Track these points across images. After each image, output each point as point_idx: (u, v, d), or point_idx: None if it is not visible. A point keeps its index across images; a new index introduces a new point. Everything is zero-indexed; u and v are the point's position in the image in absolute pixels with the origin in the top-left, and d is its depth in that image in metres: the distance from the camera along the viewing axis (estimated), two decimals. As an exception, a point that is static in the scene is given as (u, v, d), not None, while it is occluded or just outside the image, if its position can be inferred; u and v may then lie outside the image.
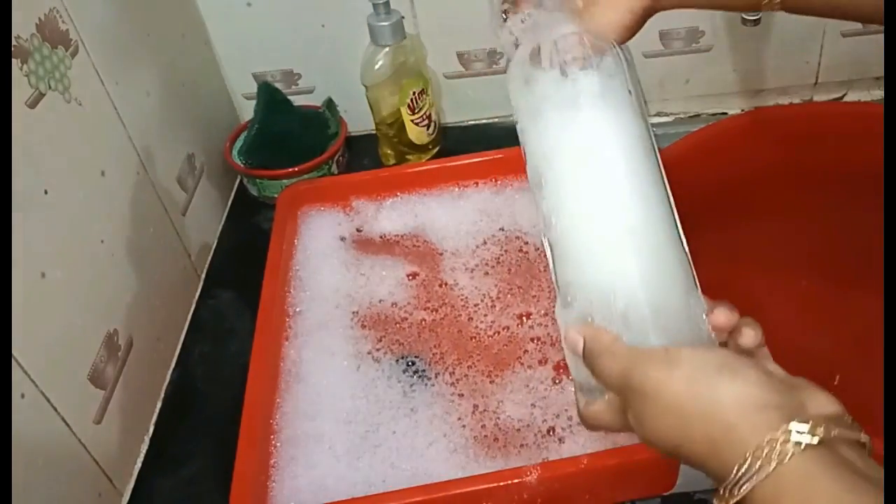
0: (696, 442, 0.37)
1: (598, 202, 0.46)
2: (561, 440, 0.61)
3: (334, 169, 0.96)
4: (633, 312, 0.43)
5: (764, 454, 0.34)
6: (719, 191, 0.76)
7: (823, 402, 0.38)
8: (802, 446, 0.34)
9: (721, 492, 0.36)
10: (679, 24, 0.95)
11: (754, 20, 0.83)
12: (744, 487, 0.35)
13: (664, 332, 0.42)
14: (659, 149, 0.76)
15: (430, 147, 0.98)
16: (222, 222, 0.95)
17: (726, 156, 0.76)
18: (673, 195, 0.51)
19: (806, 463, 0.34)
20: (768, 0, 0.46)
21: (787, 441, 0.34)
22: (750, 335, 0.42)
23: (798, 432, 0.35)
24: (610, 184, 0.46)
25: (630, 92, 0.48)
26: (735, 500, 0.35)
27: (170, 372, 0.77)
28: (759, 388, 0.37)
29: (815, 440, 0.34)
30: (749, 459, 0.35)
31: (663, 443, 0.39)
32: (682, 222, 0.48)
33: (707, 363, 0.39)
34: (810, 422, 0.35)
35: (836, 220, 0.77)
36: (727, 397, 0.37)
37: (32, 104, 0.59)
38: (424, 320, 0.72)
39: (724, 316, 0.43)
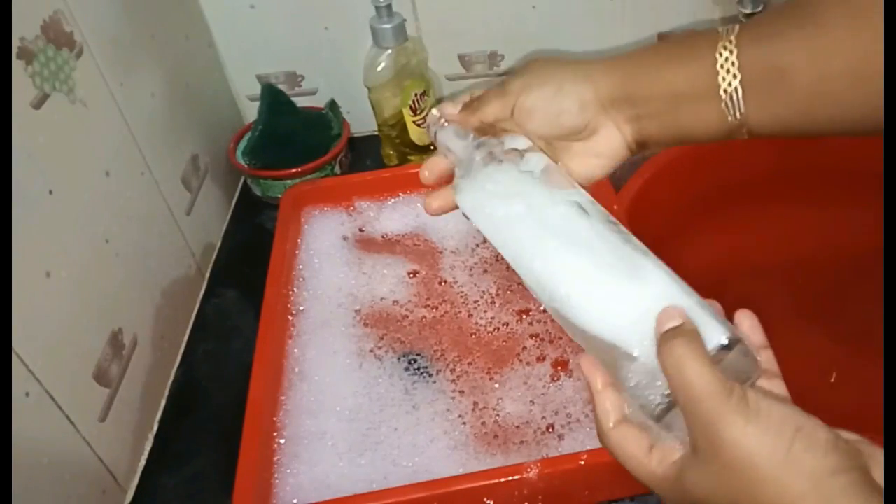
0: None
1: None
2: (560, 437, 0.61)
3: (337, 169, 0.96)
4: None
5: None
6: (716, 191, 0.77)
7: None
8: None
9: None
10: (677, 25, 0.95)
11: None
12: None
13: None
14: (658, 151, 0.77)
15: (432, 148, 0.98)
16: (226, 222, 0.96)
17: (724, 157, 0.76)
18: (671, 197, 0.51)
19: None
20: (736, 129, 0.46)
21: None
22: (771, 360, 0.41)
23: None
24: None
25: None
26: None
27: (174, 370, 0.78)
28: (835, 454, 0.35)
29: None
30: None
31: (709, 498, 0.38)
32: (680, 223, 0.48)
33: (786, 420, 0.36)
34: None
35: (833, 219, 0.77)
36: (804, 464, 0.35)
37: (37, 105, 0.60)
38: (425, 318, 0.73)
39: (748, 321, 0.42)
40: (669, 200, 0.70)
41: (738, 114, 0.44)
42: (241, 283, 0.86)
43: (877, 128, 0.40)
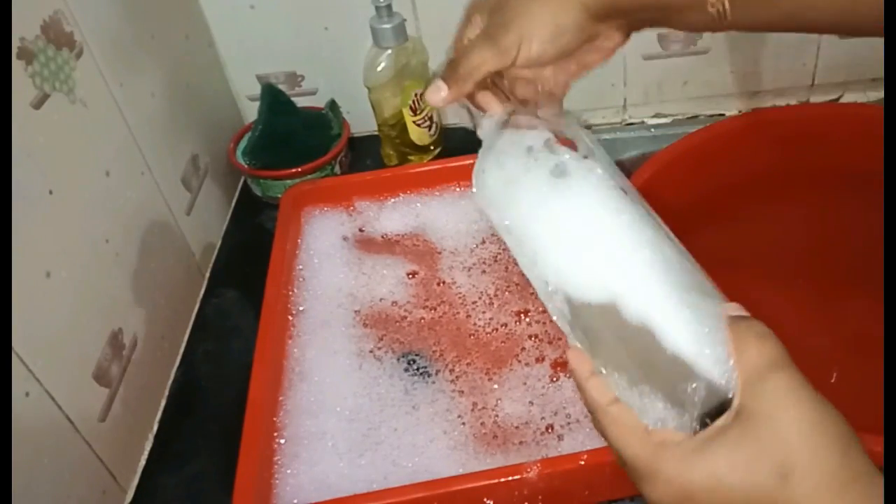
0: None
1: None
2: (560, 437, 0.61)
3: (337, 169, 0.96)
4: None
5: None
6: (717, 191, 0.77)
7: None
8: None
9: None
10: None
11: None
12: None
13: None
14: (657, 150, 0.77)
15: (432, 148, 0.98)
16: (226, 222, 0.96)
17: (724, 157, 0.76)
18: (671, 197, 0.51)
19: None
20: (721, 28, 0.48)
21: None
22: None
23: None
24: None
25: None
26: None
27: (174, 370, 0.78)
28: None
29: None
30: None
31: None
32: (680, 223, 0.47)
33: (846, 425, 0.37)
34: None
35: (833, 219, 0.77)
36: (857, 465, 0.36)
37: (37, 105, 0.60)
38: (424, 318, 0.73)
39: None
40: (670, 200, 0.70)
41: (724, 19, 0.47)
42: (241, 283, 0.86)
43: (856, 30, 0.44)
